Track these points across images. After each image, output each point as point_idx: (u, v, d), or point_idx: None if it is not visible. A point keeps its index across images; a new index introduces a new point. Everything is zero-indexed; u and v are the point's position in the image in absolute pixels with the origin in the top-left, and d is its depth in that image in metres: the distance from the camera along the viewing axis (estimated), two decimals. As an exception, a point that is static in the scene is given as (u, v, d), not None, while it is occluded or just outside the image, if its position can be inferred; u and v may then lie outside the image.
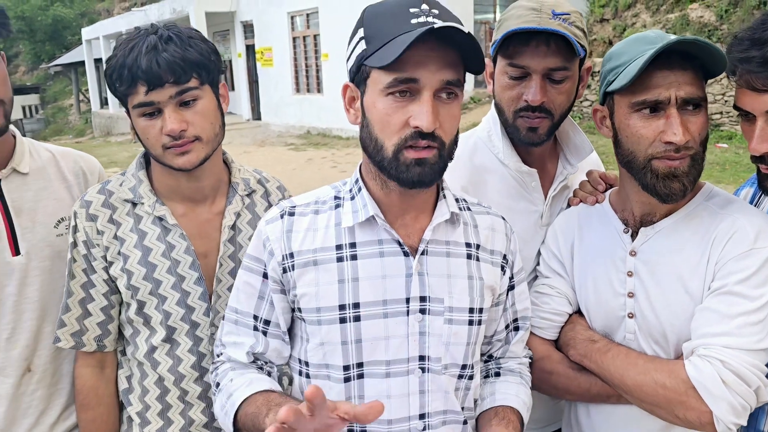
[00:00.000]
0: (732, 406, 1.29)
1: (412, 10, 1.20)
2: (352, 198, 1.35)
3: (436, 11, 1.21)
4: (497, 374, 1.52)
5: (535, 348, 1.62)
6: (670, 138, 1.35)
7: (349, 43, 1.30)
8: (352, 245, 1.32)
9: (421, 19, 1.18)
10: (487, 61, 1.74)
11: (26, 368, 1.70)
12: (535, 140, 1.67)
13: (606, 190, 1.69)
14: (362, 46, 1.23)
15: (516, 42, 1.59)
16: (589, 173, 1.77)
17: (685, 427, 1.39)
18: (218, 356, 1.46)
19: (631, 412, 1.49)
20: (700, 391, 1.31)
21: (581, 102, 13.86)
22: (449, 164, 1.75)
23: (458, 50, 1.21)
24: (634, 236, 1.53)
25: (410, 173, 1.23)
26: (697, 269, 1.41)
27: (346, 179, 1.42)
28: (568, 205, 1.77)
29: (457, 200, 1.44)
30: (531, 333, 1.64)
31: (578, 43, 1.57)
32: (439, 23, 1.16)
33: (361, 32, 1.24)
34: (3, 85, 1.57)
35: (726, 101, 11.48)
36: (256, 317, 1.39)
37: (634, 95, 1.40)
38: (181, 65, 1.48)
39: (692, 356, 1.36)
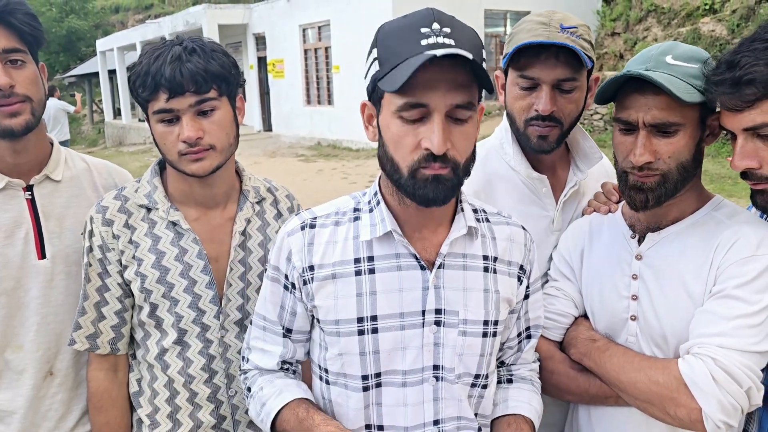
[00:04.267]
0: (722, 404, 1.31)
1: (423, 30, 1.19)
2: (371, 211, 1.37)
3: (447, 29, 1.19)
4: (509, 381, 1.55)
5: (539, 348, 1.65)
6: (629, 158, 1.45)
7: (366, 62, 1.30)
8: (370, 259, 1.34)
9: (431, 40, 1.17)
10: (499, 72, 1.81)
11: (48, 371, 1.73)
12: (545, 148, 1.73)
13: (619, 201, 1.73)
14: (375, 67, 1.24)
15: (526, 55, 1.65)
16: (603, 185, 1.81)
17: (677, 426, 1.40)
18: (245, 360, 1.52)
19: (631, 419, 1.51)
20: (690, 387, 1.34)
21: (591, 115, 13.86)
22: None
23: (470, 69, 1.19)
24: (641, 241, 1.57)
25: (427, 190, 1.23)
26: (699, 274, 1.44)
27: (366, 189, 1.43)
28: (583, 214, 1.81)
29: (476, 211, 1.45)
30: None
31: (585, 55, 1.63)
32: (447, 47, 1.16)
33: (374, 53, 1.25)
34: (32, 84, 1.63)
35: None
36: (282, 326, 1.44)
37: (617, 111, 1.49)
38: (203, 76, 1.52)
39: (686, 355, 1.39)
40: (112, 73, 27.56)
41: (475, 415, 1.42)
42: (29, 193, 1.71)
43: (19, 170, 1.70)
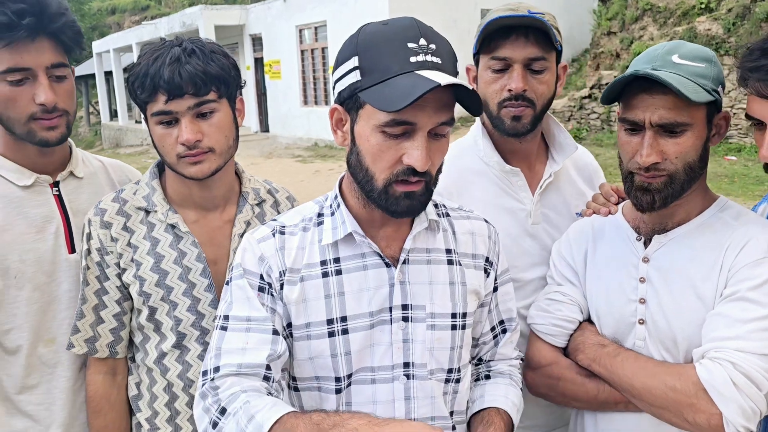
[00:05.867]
0: (742, 408, 1.30)
1: (410, 45, 1.18)
2: (332, 214, 1.37)
3: (433, 46, 1.20)
4: (487, 377, 1.55)
5: (544, 355, 1.64)
6: (636, 158, 1.44)
7: (338, 65, 1.26)
8: (336, 260, 1.34)
9: (420, 58, 1.18)
10: (470, 65, 1.86)
11: (82, 363, 1.76)
12: (519, 130, 1.74)
13: (618, 203, 1.72)
14: (356, 76, 1.21)
15: (496, 37, 1.70)
16: (601, 186, 1.82)
17: None
18: (213, 371, 1.28)
19: (641, 424, 1.49)
20: (710, 392, 1.32)
21: (588, 114, 13.87)
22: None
23: (454, 90, 1.21)
24: (646, 244, 1.55)
25: (399, 206, 1.26)
26: (709, 276, 1.43)
27: (329, 193, 1.43)
28: (582, 216, 1.80)
29: (436, 206, 1.46)
30: (540, 339, 1.66)
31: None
32: (436, 66, 1.17)
33: (355, 61, 1.22)
34: (70, 98, 1.69)
35: (734, 114, 11.46)
36: (272, 323, 1.33)
37: (622, 111, 1.47)
38: (202, 78, 1.52)
39: (703, 359, 1.37)
40: (108, 74, 27.53)
41: (451, 413, 1.42)
42: (56, 189, 1.76)
43: (44, 169, 1.75)
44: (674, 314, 1.46)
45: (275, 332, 1.31)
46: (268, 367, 1.28)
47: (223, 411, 1.22)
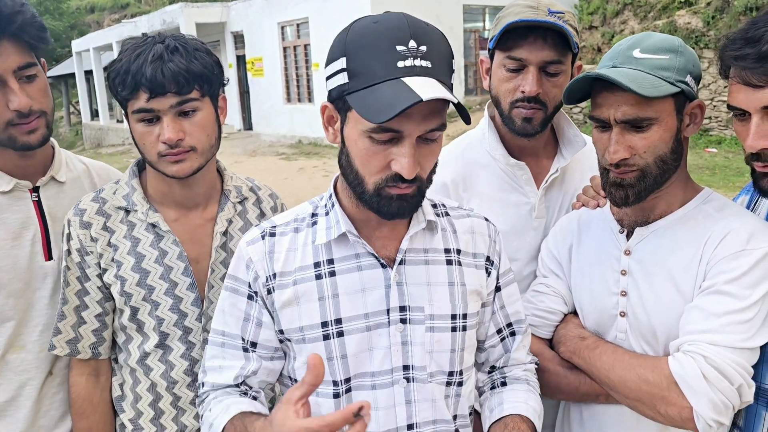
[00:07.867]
0: (713, 402, 1.30)
1: (399, 48, 1.14)
2: (327, 214, 1.35)
3: (423, 48, 1.15)
4: (503, 383, 1.50)
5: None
6: (605, 155, 1.44)
7: (328, 63, 1.24)
8: (330, 261, 1.32)
9: (408, 63, 1.14)
10: (484, 57, 1.85)
11: (49, 371, 1.73)
12: (529, 131, 1.75)
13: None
14: (344, 78, 1.18)
15: (514, 36, 1.69)
16: (592, 179, 1.81)
17: (668, 425, 1.39)
18: (201, 385, 1.43)
19: (623, 417, 1.50)
20: (681, 385, 1.32)
21: (570, 108, 13.94)
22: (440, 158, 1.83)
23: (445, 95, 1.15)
24: (629, 236, 1.55)
25: (391, 207, 1.23)
26: (689, 268, 1.43)
27: (324, 193, 1.41)
28: (572, 209, 1.81)
29: (435, 206, 1.44)
30: None
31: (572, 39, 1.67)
32: (425, 71, 1.14)
33: (342, 62, 1.19)
34: (44, 96, 1.65)
35: (715, 106, 11.59)
36: (243, 339, 1.37)
37: (591, 109, 1.48)
38: (185, 76, 1.49)
39: (676, 352, 1.38)
40: (88, 73, 27.25)
41: (454, 417, 1.39)
42: (35, 194, 1.73)
43: (25, 172, 1.72)
44: (654, 307, 1.46)
45: (245, 349, 1.37)
46: (237, 386, 1.38)
47: (202, 416, 1.39)
